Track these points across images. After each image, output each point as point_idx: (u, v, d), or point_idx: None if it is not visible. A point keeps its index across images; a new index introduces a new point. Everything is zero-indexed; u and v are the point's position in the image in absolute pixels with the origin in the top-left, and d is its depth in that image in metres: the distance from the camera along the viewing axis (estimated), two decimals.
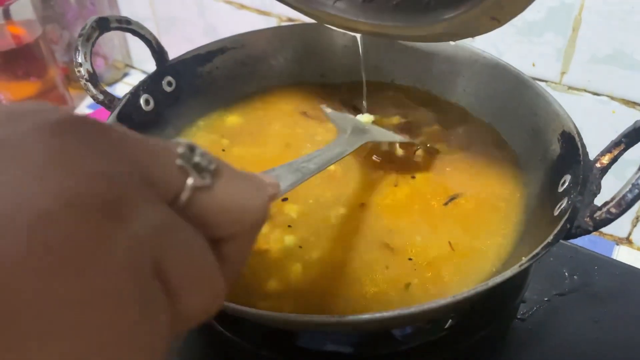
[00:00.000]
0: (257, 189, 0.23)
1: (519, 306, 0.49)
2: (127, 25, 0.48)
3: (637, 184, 0.32)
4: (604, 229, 0.67)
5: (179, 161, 0.19)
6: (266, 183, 0.24)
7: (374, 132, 0.49)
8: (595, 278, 0.54)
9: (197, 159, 0.20)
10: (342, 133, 0.43)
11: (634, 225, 0.65)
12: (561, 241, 0.57)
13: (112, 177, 0.16)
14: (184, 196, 0.19)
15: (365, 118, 0.53)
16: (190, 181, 0.19)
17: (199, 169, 0.19)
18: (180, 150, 0.19)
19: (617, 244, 0.67)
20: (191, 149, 0.20)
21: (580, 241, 0.65)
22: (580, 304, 0.51)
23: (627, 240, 0.66)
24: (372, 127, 0.51)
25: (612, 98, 0.58)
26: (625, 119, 0.59)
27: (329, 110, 0.51)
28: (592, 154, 0.40)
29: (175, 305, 0.18)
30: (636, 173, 0.32)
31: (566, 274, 0.54)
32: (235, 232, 0.21)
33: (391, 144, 0.51)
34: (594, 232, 0.66)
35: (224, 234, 0.21)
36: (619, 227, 0.66)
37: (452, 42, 0.55)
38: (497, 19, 0.30)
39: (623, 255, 0.65)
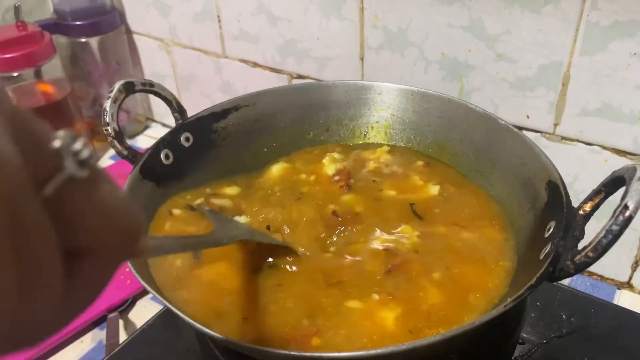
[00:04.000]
0: (133, 209, 0.20)
1: (516, 346, 0.51)
2: (150, 88, 0.53)
3: (611, 230, 0.35)
4: (604, 274, 0.69)
5: (56, 142, 0.16)
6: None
7: (251, 233, 0.47)
8: (592, 321, 0.56)
9: (78, 146, 0.17)
10: (220, 228, 0.43)
11: (634, 270, 0.66)
12: (560, 285, 0.60)
13: None
14: (53, 184, 0.16)
15: (243, 219, 0.52)
16: (66, 168, 0.17)
17: (77, 159, 0.17)
18: (61, 133, 0.17)
19: (619, 288, 0.68)
20: (73, 137, 0.17)
21: (582, 286, 0.68)
22: (577, 345, 0.53)
23: (628, 285, 0.68)
24: (250, 229, 0.49)
25: (604, 148, 0.62)
26: (617, 167, 0.61)
27: (207, 208, 0.49)
28: None
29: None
30: (610, 220, 0.35)
31: (564, 316, 0.56)
32: (100, 245, 0.18)
33: None
34: (596, 277, 0.68)
35: (88, 243, 0.18)
36: (620, 271, 0.68)
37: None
38: None
39: (625, 299, 0.67)
